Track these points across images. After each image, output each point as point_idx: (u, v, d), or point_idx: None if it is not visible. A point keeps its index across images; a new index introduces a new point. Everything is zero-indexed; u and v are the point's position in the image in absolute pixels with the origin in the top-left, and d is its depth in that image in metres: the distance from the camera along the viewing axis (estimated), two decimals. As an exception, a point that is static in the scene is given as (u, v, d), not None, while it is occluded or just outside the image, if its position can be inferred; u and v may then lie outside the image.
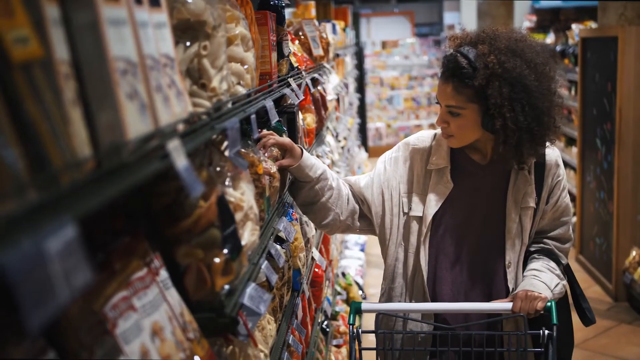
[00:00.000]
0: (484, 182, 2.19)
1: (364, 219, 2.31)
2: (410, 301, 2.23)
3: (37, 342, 0.83)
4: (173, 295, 1.22)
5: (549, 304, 2.08)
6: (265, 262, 1.66)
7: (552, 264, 2.21)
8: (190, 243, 1.27)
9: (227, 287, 1.32)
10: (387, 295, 2.29)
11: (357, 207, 2.29)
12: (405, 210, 2.22)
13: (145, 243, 1.19)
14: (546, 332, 2.04)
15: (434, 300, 2.20)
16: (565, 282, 2.24)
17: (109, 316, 0.97)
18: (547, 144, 2.13)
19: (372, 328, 2.20)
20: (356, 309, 2.17)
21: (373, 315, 2.24)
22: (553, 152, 2.22)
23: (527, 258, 2.25)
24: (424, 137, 2.27)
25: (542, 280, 2.13)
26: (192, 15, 1.32)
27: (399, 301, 2.24)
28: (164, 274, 1.21)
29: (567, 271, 2.33)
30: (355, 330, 2.11)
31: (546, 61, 2.03)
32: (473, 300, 2.19)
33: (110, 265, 1.05)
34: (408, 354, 2.21)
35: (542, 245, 2.28)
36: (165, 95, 1.00)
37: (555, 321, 2.04)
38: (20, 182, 0.63)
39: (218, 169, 1.41)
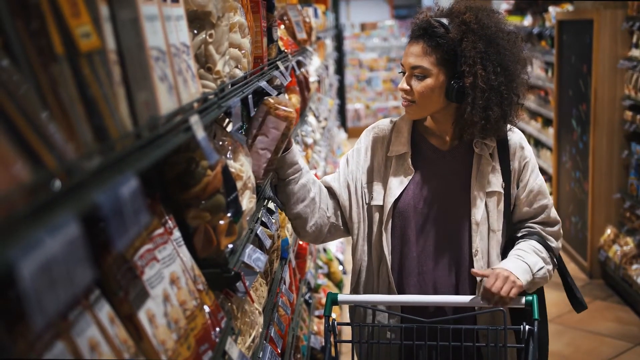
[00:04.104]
0: (446, 168, 2.15)
1: (342, 217, 2.24)
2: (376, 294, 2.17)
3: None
4: (184, 252, 1.40)
5: (530, 297, 2.00)
6: (260, 227, 1.84)
7: (539, 246, 2.13)
8: (199, 207, 1.45)
9: (230, 246, 1.50)
10: (354, 291, 2.26)
11: (335, 201, 2.22)
12: (367, 200, 2.18)
13: (161, 206, 1.38)
14: (527, 327, 1.97)
15: (400, 292, 2.15)
16: (551, 267, 2.14)
17: (137, 264, 1.16)
18: (509, 126, 2.13)
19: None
20: (332, 300, 2.08)
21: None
22: (516, 135, 2.18)
23: (514, 243, 2.17)
24: (383, 124, 2.24)
25: (525, 261, 2.04)
26: (198, 7, 1.49)
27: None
28: (177, 233, 1.39)
29: (558, 262, 2.25)
30: (330, 322, 2.04)
31: (518, 34, 2.09)
32: (440, 290, 2.13)
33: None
34: (383, 346, 2.14)
35: (528, 229, 2.21)
36: (184, 77, 1.18)
37: (536, 316, 1.97)
38: (90, 149, 0.81)
39: (220, 142, 1.59)
